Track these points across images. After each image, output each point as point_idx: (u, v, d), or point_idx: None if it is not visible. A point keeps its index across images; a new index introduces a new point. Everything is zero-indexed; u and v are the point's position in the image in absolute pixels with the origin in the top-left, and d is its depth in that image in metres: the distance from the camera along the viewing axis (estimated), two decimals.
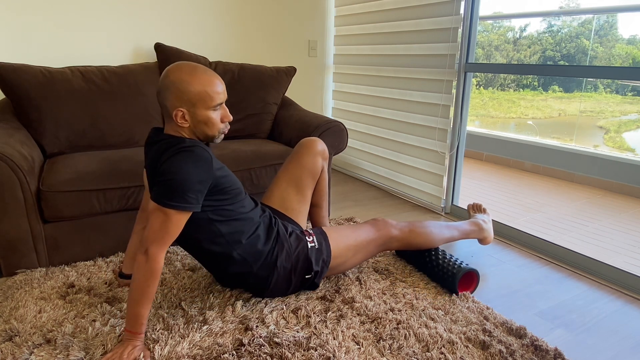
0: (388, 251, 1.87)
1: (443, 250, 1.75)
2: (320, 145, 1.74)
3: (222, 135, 1.37)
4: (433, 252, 1.74)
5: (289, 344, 1.30)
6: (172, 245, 1.98)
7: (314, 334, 1.36)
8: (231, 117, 1.35)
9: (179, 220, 1.24)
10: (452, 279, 1.61)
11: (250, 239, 1.42)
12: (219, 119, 1.33)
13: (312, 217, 1.87)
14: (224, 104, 1.34)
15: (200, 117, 1.29)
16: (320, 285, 1.66)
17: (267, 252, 1.44)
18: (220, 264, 1.43)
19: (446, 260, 1.68)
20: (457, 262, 1.66)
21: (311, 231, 1.56)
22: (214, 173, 1.31)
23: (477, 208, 2.02)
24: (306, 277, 1.51)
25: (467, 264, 1.65)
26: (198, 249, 1.41)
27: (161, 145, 1.29)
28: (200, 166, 1.24)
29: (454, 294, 1.62)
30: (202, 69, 1.28)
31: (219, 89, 1.29)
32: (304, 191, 1.70)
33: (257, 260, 1.43)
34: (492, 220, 2.31)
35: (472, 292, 1.68)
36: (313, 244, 1.51)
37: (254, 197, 1.58)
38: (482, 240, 1.90)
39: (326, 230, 1.58)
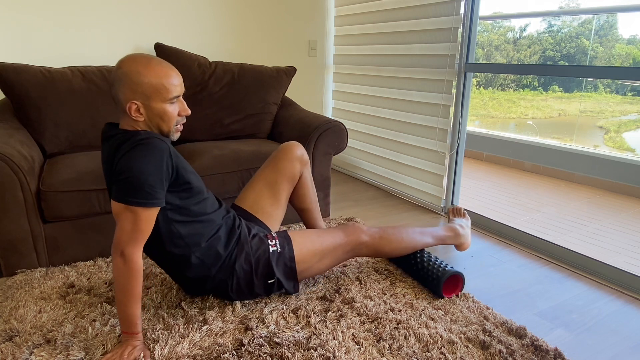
0: (358, 257, 1.80)
1: (429, 253, 1.72)
2: (299, 151, 1.70)
3: (178, 133, 1.32)
4: (418, 255, 1.70)
5: (289, 344, 1.30)
6: None
7: (314, 334, 1.36)
8: (189, 111, 1.30)
9: (149, 216, 1.21)
10: (437, 282, 1.58)
11: (210, 242, 1.38)
12: (176, 112, 1.28)
13: (304, 221, 1.84)
14: (181, 97, 1.29)
15: (155, 110, 1.24)
16: (320, 285, 1.66)
17: (226, 255, 1.40)
18: (179, 267, 1.39)
19: (431, 264, 1.64)
20: (442, 266, 1.62)
21: (275, 235, 1.51)
22: (176, 163, 1.26)
23: (457, 212, 1.95)
24: (269, 282, 1.46)
25: (451, 267, 1.62)
26: (157, 251, 1.37)
27: (115, 140, 1.24)
28: (159, 158, 1.20)
29: (440, 297, 1.60)
30: (157, 61, 1.24)
31: (175, 81, 1.24)
32: (278, 195, 1.67)
33: (215, 264, 1.39)
34: (492, 220, 2.31)
35: (457, 295, 1.63)
36: (275, 248, 1.46)
37: (219, 197, 1.54)
38: (459, 247, 1.84)
39: (291, 234, 1.52)
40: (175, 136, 1.33)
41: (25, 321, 1.39)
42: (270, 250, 1.46)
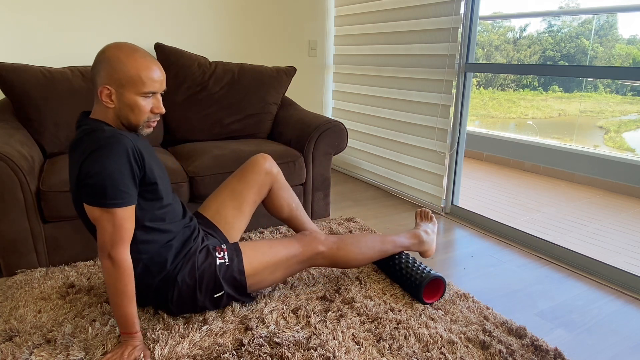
0: (315, 267, 1.75)
1: (407, 255, 1.69)
2: (267, 164, 1.67)
3: (150, 129, 1.29)
4: (397, 258, 1.67)
5: (289, 344, 1.30)
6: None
7: (314, 334, 1.36)
8: (163, 110, 1.27)
9: (128, 214, 1.20)
10: (417, 289, 1.55)
11: (160, 250, 1.34)
12: (149, 108, 1.25)
13: (292, 228, 1.82)
14: (158, 95, 1.27)
15: (127, 100, 1.21)
16: (320, 285, 1.66)
17: (171, 265, 1.35)
18: None
19: (411, 267, 1.61)
20: (419, 270, 1.59)
21: (224, 247, 1.45)
22: (143, 160, 1.23)
23: (424, 215, 1.89)
24: (215, 296, 1.41)
25: (430, 270, 1.58)
26: None
27: (81, 132, 1.23)
28: (124, 155, 1.17)
29: (423, 304, 1.57)
30: (142, 52, 1.22)
31: (154, 76, 1.22)
32: (242, 207, 1.63)
33: (159, 272, 1.34)
34: (492, 220, 2.31)
35: (439, 299, 1.60)
36: (223, 261, 1.40)
37: (185, 205, 1.49)
38: (423, 254, 1.77)
39: (242, 246, 1.47)
40: (146, 131, 1.29)
41: (25, 321, 1.39)
42: (217, 264, 1.40)
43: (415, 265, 1.62)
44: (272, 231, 2.15)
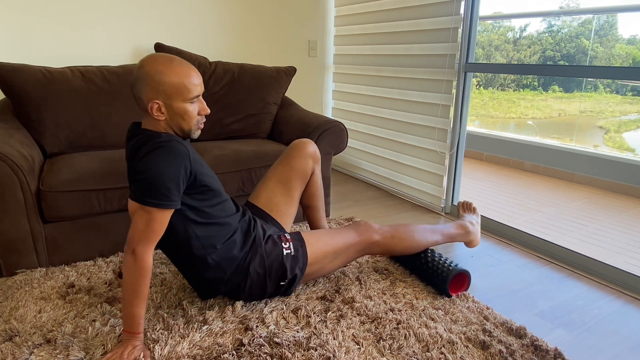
0: (369, 255, 1.81)
1: (436, 251, 1.73)
2: (312, 147, 1.71)
3: (199, 131, 1.34)
4: (426, 253, 1.71)
5: (289, 344, 1.30)
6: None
7: (314, 334, 1.36)
8: (208, 110, 1.32)
9: (163, 217, 1.22)
10: (443, 280, 1.60)
11: (225, 244, 1.39)
12: (196, 112, 1.30)
13: (309, 218, 1.85)
14: (200, 97, 1.31)
15: (176, 109, 1.25)
16: (320, 285, 1.66)
17: (241, 257, 1.41)
18: (195, 268, 1.39)
19: (438, 262, 1.66)
20: (448, 264, 1.64)
21: (289, 237, 1.52)
22: (193, 167, 1.28)
23: (467, 207, 1.95)
24: (281, 283, 1.48)
25: (458, 265, 1.64)
26: (174, 251, 1.38)
27: (137, 141, 1.27)
28: (178, 161, 1.22)
29: (446, 296, 1.61)
30: (178, 61, 1.25)
31: (195, 81, 1.26)
32: (291, 193, 1.67)
33: (230, 266, 1.40)
34: (492, 220, 2.31)
35: (464, 291, 1.65)
36: (289, 251, 1.47)
37: (236, 201, 1.54)
38: (469, 244, 1.85)
39: (304, 235, 1.53)
40: (196, 134, 1.34)
41: (25, 321, 1.39)
42: (284, 253, 1.47)
43: (442, 259, 1.67)
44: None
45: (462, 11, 2.29)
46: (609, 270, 1.83)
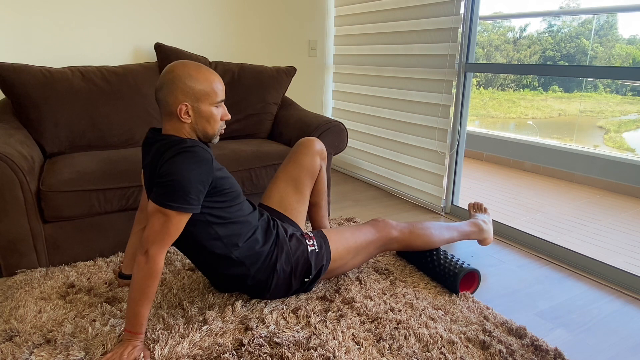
0: (388, 251, 1.86)
1: (444, 251, 1.75)
2: (319, 145, 1.73)
3: (219, 137, 1.38)
4: (435, 253, 1.73)
5: (289, 344, 1.30)
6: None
7: (314, 334, 1.36)
8: (229, 116, 1.37)
9: (180, 221, 1.24)
10: (454, 278, 1.61)
11: (247, 242, 1.41)
12: (220, 116, 1.34)
13: (312, 216, 1.86)
14: (223, 103, 1.35)
15: (203, 112, 1.30)
16: (320, 285, 1.66)
17: (266, 254, 1.44)
18: (219, 265, 1.41)
19: (448, 260, 1.68)
20: (458, 262, 1.66)
21: (311, 234, 1.55)
22: (215, 174, 1.31)
23: (477, 207, 2.01)
24: (305, 280, 1.51)
25: (468, 264, 1.66)
26: (196, 250, 1.40)
27: (162, 145, 1.29)
28: (202, 167, 1.24)
29: (455, 294, 1.62)
30: (205, 67, 1.32)
31: (221, 87, 1.33)
32: (302, 191, 1.70)
33: (255, 263, 1.42)
34: (493, 220, 2.31)
35: (472, 292, 1.68)
36: (313, 248, 1.51)
37: (251, 200, 1.57)
38: (482, 241, 1.90)
39: (326, 232, 1.58)
40: (217, 139, 1.38)
41: (25, 321, 1.39)
42: (309, 250, 1.50)
43: (450, 258, 1.70)
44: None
45: (462, 11, 2.29)
46: (609, 270, 1.83)
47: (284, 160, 2.15)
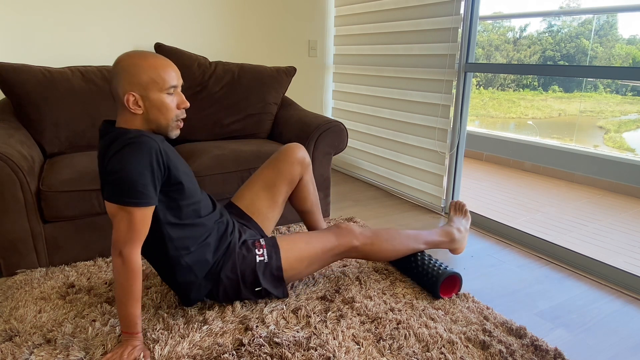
0: (347, 259, 1.81)
1: (429, 255, 1.71)
2: (300, 153, 1.67)
3: (178, 130, 1.30)
4: (416, 256, 1.70)
5: (289, 344, 1.30)
6: None
7: (314, 334, 1.36)
8: (187, 104, 1.29)
9: (144, 215, 1.20)
10: (434, 283, 1.58)
11: (199, 246, 1.37)
12: (174, 104, 1.27)
13: (305, 222, 1.83)
14: (179, 89, 1.28)
15: (154, 101, 1.23)
16: (320, 285, 1.66)
17: (213, 263, 1.40)
18: (169, 270, 1.37)
19: (428, 265, 1.64)
20: (439, 266, 1.62)
21: (264, 242, 1.48)
22: (166, 160, 1.24)
23: (459, 208, 1.89)
24: (256, 289, 1.46)
25: (449, 268, 1.62)
26: (150, 253, 1.36)
27: (108, 138, 1.23)
28: (149, 155, 1.18)
29: (438, 298, 1.60)
30: (153, 54, 1.25)
31: (171, 71, 1.25)
32: (275, 197, 1.65)
33: (202, 270, 1.39)
34: (492, 220, 2.31)
35: (457, 295, 1.63)
36: (262, 258, 1.45)
37: (214, 198, 1.51)
38: (453, 251, 1.82)
39: (279, 241, 1.50)
40: (174, 133, 1.31)
41: (25, 321, 1.39)
42: (257, 261, 1.44)
43: (432, 262, 1.65)
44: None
45: (462, 11, 2.28)
46: (609, 270, 1.83)
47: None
